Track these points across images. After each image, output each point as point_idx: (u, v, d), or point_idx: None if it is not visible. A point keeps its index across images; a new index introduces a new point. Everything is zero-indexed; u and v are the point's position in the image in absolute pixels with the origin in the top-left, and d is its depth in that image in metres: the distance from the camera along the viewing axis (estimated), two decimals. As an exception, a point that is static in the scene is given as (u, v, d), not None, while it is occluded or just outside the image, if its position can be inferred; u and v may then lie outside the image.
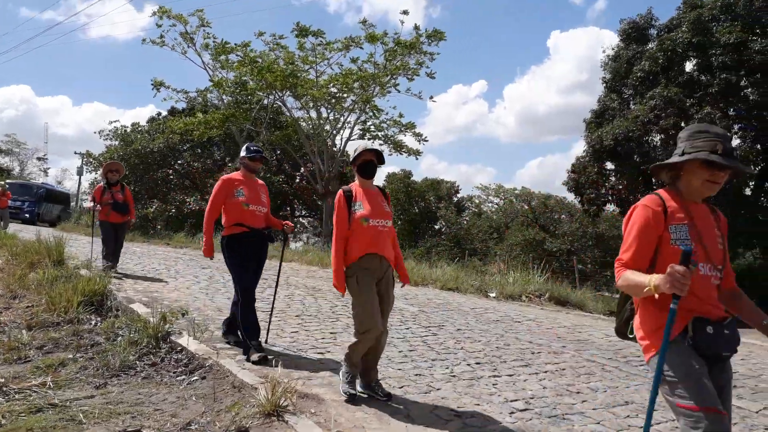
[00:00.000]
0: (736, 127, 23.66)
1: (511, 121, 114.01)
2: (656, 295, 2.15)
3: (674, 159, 2.37)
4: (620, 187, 25.14)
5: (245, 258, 5.04)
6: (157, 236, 20.89)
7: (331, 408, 3.84)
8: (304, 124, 24.62)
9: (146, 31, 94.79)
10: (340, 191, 4.13)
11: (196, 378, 4.32)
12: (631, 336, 2.56)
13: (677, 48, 23.20)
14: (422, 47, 21.50)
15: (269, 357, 4.77)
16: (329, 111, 23.55)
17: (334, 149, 24.05)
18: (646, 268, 2.32)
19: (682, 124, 22.08)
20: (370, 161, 4.16)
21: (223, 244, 5.11)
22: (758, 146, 22.50)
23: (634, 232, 2.35)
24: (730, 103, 23.10)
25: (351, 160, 4.20)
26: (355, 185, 4.20)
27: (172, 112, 32.57)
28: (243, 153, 5.29)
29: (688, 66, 24.30)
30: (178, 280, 9.27)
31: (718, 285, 2.39)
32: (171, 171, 29.86)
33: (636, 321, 2.44)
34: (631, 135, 22.59)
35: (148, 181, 27.91)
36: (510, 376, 5.05)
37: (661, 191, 2.43)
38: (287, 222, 5.40)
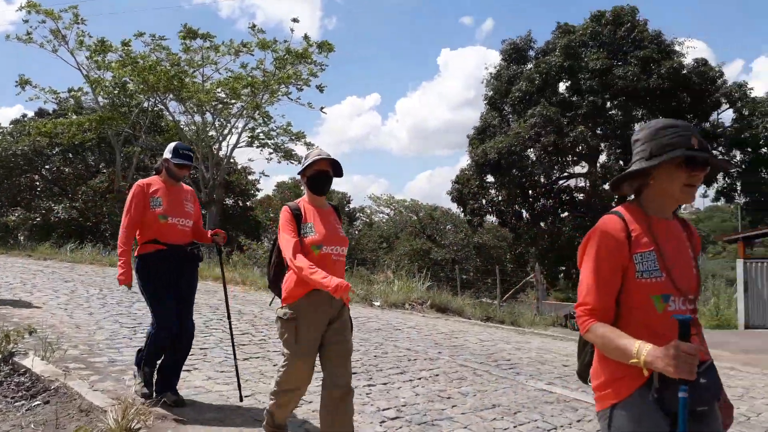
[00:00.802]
0: (603, 145, 25.81)
1: (403, 134, 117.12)
2: (645, 372, 1.70)
3: (643, 164, 1.88)
4: (499, 199, 26.48)
5: (160, 284, 4.07)
6: (18, 247, 19.02)
7: (190, 429, 3.61)
8: (187, 129, 23.63)
9: (15, 24, 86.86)
10: (285, 208, 3.29)
11: (38, 402, 3.90)
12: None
13: (551, 71, 24.96)
14: (312, 57, 21.48)
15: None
16: (215, 116, 22.80)
17: (220, 156, 23.30)
18: (614, 311, 1.87)
19: (557, 142, 23.74)
20: (324, 173, 3.31)
21: (135, 267, 4.17)
22: (621, 163, 24.60)
23: (592, 267, 1.86)
24: (597, 123, 25.17)
25: (300, 169, 3.35)
26: (303, 201, 3.34)
27: (40, 114, 29.95)
28: (168, 155, 4.26)
29: (562, 87, 26.22)
30: (34, 294, 8.44)
31: None
32: (37, 176, 27.38)
33: (594, 367, 1.97)
34: (513, 150, 23.90)
35: (9, 186, 25.38)
36: (384, 384, 5.04)
37: (621, 209, 1.93)
38: (218, 230, 4.46)
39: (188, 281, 4.27)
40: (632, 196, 2.00)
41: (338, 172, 3.37)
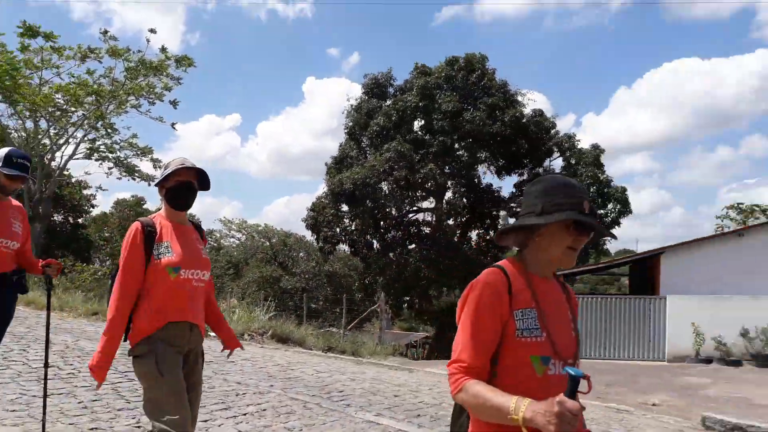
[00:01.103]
0: (449, 183, 27.39)
1: (264, 157, 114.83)
2: (524, 431, 1.53)
3: (532, 219, 1.77)
4: (353, 228, 26.95)
5: None
6: None
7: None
8: (15, 135, 21.25)
9: None
10: (136, 224, 2.80)
11: None
12: None
13: (408, 109, 26.14)
14: (169, 71, 20.51)
15: None
16: (51, 124, 20.77)
17: (52, 167, 21.21)
18: (488, 370, 1.72)
19: (409, 177, 24.77)
20: (187, 183, 2.86)
21: None
22: (465, 200, 26.23)
23: (471, 322, 1.71)
24: (446, 162, 26.69)
25: (158, 180, 2.91)
26: (159, 217, 2.87)
27: None
28: None
29: (416, 125, 27.55)
30: None
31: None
32: None
33: None
34: (368, 181, 24.53)
35: None
36: (204, 422, 4.76)
37: (505, 263, 1.83)
38: (50, 260, 3.81)
39: (5, 317, 3.66)
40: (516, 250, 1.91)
41: (205, 183, 2.96)
